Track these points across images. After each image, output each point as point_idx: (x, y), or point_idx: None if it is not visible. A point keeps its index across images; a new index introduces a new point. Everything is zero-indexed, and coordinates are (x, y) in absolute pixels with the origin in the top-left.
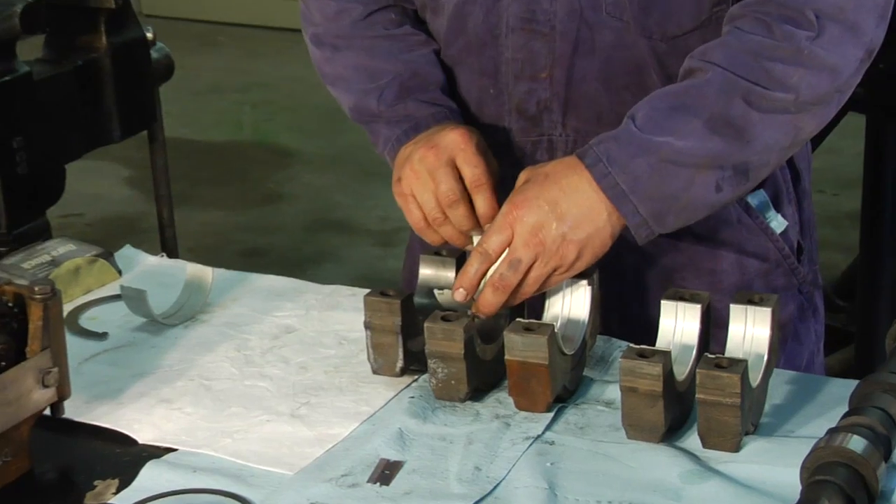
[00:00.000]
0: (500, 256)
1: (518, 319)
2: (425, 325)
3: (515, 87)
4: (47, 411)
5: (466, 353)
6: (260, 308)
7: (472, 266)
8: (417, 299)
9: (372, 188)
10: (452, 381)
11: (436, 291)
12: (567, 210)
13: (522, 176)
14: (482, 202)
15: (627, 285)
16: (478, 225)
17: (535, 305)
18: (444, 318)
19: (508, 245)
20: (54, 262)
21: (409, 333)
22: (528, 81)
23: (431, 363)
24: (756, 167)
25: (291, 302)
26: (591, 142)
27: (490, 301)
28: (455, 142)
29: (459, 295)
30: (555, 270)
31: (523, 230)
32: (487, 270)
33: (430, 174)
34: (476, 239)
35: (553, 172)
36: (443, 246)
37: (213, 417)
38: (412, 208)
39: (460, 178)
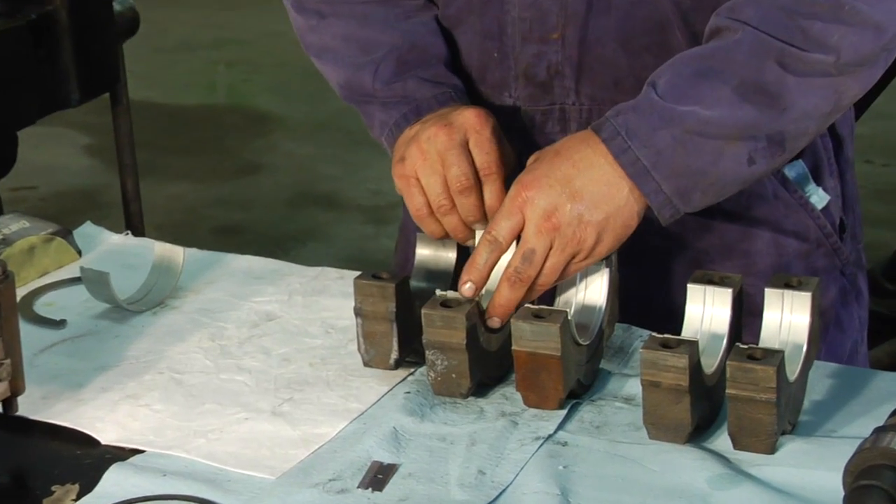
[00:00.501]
0: (510, 244)
1: (527, 305)
2: (423, 311)
3: (523, 49)
4: None
5: (469, 343)
6: (237, 292)
7: (481, 256)
8: (414, 283)
9: (362, 158)
10: (453, 375)
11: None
12: (582, 188)
13: (532, 158)
14: (490, 193)
15: (650, 267)
16: (484, 217)
17: (546, 290)
18: (444, 304)
19: (519, 231)
20: (6, 241)
21: (404, 321)
22: (538, 43)
23: (430, 354)
24: (793, 137)
25: (272, 286)
26: (607, 113)
27: (507, 297)
28: (470, 122)
29: (468, 290)
30: (573, 257)
31: (535, 214)
32: (497, 261)
33: (440, 156)
34: (480, 234)
35: (564, 148)
36: (442, 238)
37: (185, 415)
38: (415, 193)
39: (473, 163)
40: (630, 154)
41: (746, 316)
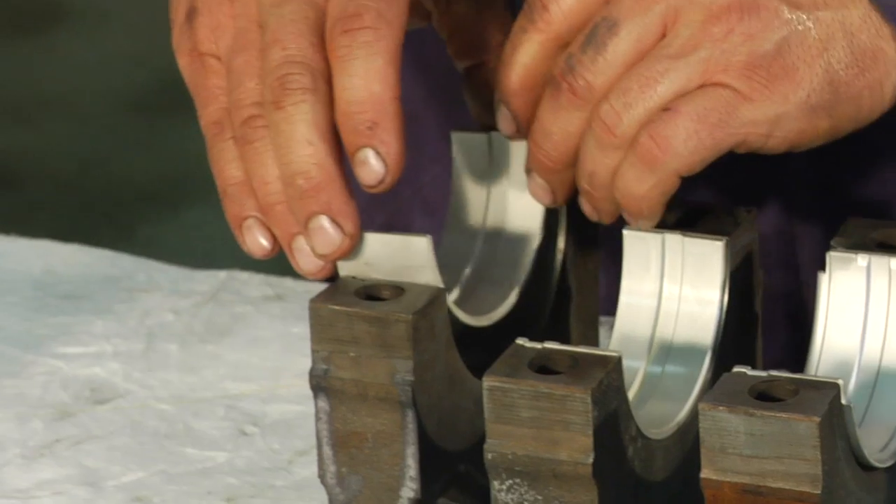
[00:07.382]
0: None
1: (739, 370)
2: (485, 382)
3: None
4: None
5: (603, 463)
6: (17, 333)
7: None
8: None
9: None
10: None
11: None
12: None
13: None
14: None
15: None
16: None
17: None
18: (539, 366)
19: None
20: None
21: (435, 405)
22: None
23: (502, 492)
24: None
25: (104, 315)
26: None
27: (547, 130)
28: None
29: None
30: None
31: None
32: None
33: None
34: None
35: None
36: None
37: None
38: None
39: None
40: None
41: None
